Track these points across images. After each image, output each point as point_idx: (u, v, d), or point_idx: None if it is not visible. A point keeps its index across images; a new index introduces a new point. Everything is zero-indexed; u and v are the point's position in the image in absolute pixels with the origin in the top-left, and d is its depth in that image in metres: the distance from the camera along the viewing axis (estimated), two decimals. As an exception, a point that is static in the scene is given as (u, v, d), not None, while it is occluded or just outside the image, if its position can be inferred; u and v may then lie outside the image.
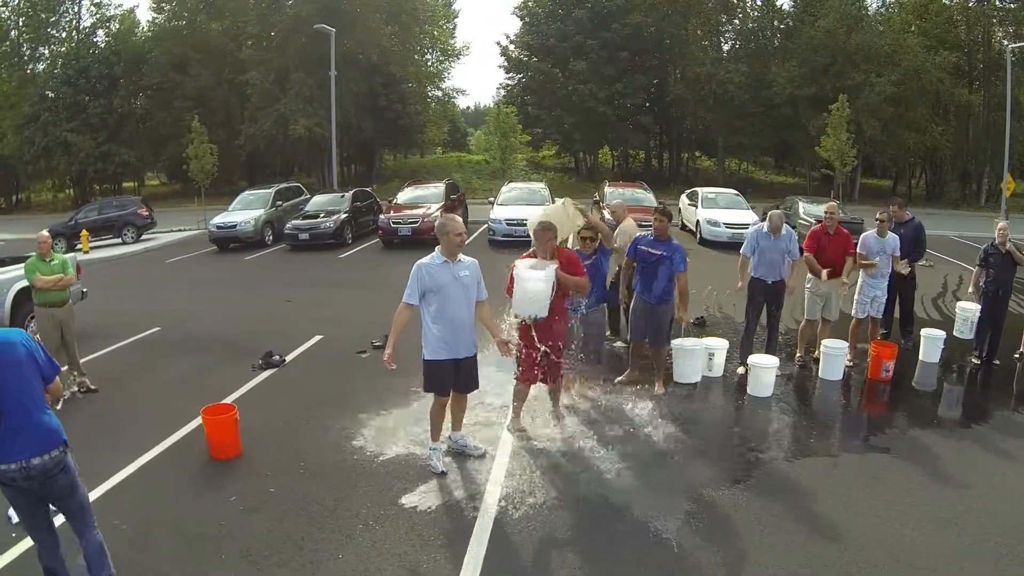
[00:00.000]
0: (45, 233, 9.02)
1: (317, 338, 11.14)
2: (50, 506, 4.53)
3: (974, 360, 10.62)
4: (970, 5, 46.94)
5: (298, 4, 40.95)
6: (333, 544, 5.50)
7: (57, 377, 4.56)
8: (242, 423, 7.00)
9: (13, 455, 4.20)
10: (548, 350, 7.29)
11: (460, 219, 6.69)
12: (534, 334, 7.18)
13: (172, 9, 45.47)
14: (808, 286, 10.01)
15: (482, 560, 5.30)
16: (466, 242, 7.41)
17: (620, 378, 9.19)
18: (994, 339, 10.54)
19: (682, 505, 6.23)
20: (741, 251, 9.98)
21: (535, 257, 7.16)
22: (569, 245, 8.69)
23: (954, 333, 11.61)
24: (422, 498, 6.18)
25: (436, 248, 6.44)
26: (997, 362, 10.54)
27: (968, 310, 11.63)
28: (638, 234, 9.24)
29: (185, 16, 45.11)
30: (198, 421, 7.32)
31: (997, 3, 46.95)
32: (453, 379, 6.56)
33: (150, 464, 6.84)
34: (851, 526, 5.87)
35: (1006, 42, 44.68)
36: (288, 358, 10.04)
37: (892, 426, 8.21)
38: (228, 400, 8.21)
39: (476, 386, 6.88)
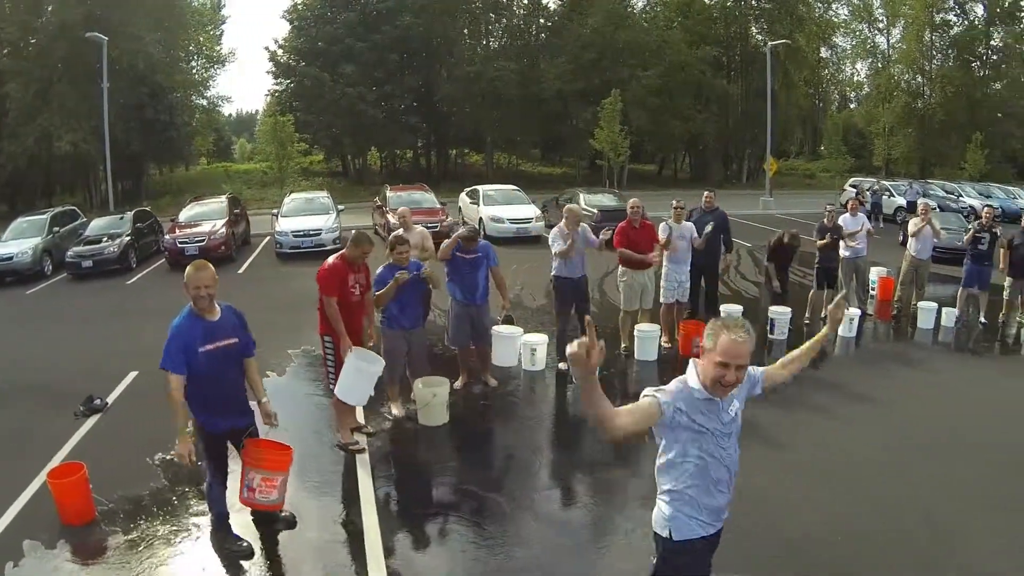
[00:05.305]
0: None
1: (133, 374, 10.37)
2: None
3: (769, 332, 11.75)
4: (728, 4, 50.99)
5: (60, 10, 37.73)
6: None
7: None
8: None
9: None
10: None
11: None
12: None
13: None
14: (624, 279, 10.58)
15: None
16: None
17: (456, 384, 9.30)
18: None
19: (567, 493, 6.81)
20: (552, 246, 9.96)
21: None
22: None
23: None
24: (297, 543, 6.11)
25: None
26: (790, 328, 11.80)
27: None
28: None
29: (-67, 21, 40.18)
30: (38, 483, 6.80)
31: (753, 3, 51.12)
32: None
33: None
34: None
35: (760, 37, 48.82)
36: (110, 400, 9.34)
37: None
38: (61, 454, 7.63)
39: None
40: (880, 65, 57.37)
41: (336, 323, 7.14)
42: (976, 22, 52.55)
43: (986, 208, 13.80)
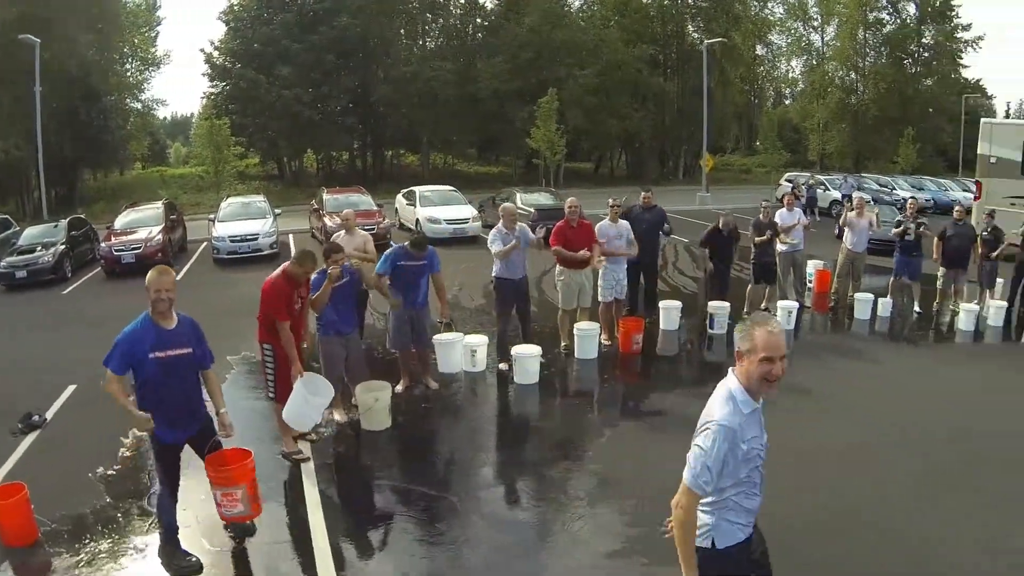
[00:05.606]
0: None
1: (71, 388, 10.07)
2: None
3: (709, 327, 11.94)
4: (665, 3, 51.64)
5: (-8, 12, 36.88)
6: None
7: None
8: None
9: None
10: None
11: None
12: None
13: None
14: (561, 278, 10.62)
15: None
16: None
17: (398, 387, 9.28)
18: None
19: (513, 492, 6.91)
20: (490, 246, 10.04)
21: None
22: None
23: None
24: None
25: None
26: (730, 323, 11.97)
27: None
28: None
29: None
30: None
31: (689, 1, 51.83)
32: None
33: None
34: (649, 484, 6.41)
35: (696, 35, 49.50)
36: (48, 415, 9.08)
37: (655, 391, 9.41)
38: (-1, 475, 7.44)
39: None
40: (815, 62, 58.72)
41: (289, 347, 7.12)
42: (908, 21, 54.27)
43: (910, 200, 14.27)
